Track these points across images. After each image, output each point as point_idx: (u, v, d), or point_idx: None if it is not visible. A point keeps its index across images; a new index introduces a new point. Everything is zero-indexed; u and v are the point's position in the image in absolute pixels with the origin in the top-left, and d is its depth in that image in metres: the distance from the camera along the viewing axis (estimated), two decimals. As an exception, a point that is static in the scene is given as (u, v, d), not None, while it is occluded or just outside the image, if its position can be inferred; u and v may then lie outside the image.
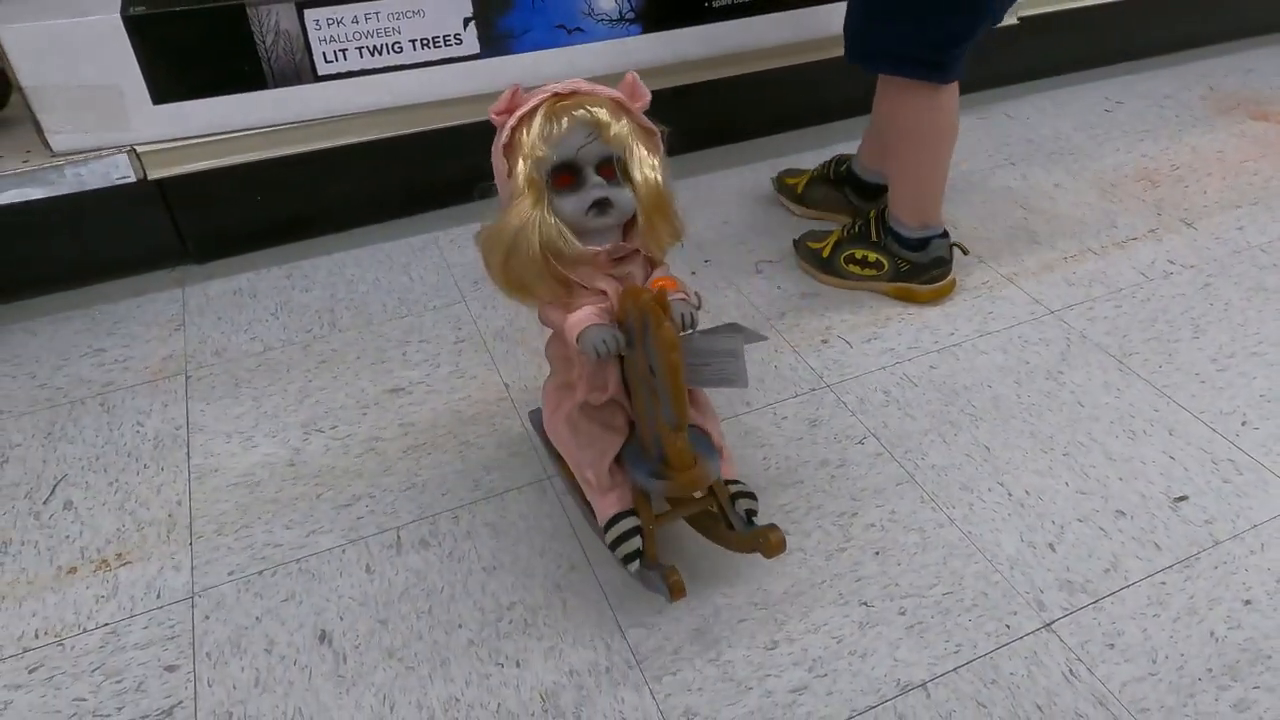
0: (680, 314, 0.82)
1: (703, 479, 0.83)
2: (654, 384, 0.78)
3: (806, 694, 0.84)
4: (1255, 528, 0.98)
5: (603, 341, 0.80)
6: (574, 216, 0.79)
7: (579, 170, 0.79)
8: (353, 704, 0.84)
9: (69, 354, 1.29)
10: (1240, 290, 1.35)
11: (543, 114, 0.78)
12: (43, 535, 1.01)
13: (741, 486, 0.92)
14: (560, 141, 0.77)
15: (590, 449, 0.89)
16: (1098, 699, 0.83)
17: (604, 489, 0.89)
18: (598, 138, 0.78)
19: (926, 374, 1.21)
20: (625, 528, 0.87)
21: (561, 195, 0.79)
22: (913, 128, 1.25)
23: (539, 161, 0.78)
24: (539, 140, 0.77)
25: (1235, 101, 1.90)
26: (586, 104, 0.78)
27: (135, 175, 1.29)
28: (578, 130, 0.78)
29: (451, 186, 1.58)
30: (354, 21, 1.29)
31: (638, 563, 0.87)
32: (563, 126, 0.77)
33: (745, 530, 0.89)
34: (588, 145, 0.78)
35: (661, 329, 0.73)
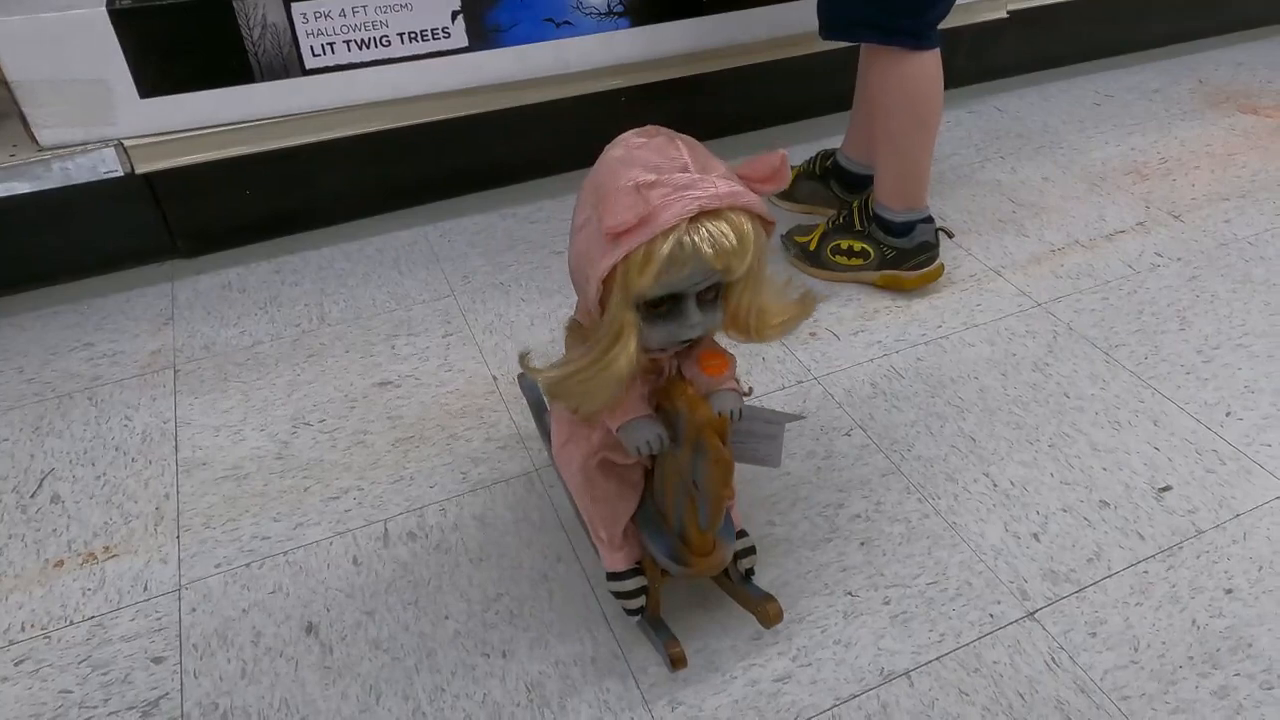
0: (730, 409, 0.74)
1: (721, 564, 0.79)
2: (694, 492, 0.73)
3: (791, 683, 0.84)
4: (1238, 517, 0.99)
5: (647, 443, 0.72)
6: (660, 345, 0.70)
7: (679, 298, 0.67)
8: (339, 695, 0.84)
9: (57, 348, 1.28)
10: (1227, 283, 1.36)
11: (670, 249, 0.62)
12: (30, 529, 1.01)
13: (744, 542, 0.88)
14: (675, 278, 0.65)
15: (605, 506, 0.82)
16: (1079, 686, 0.83)
17: (615, 548, 0.84)
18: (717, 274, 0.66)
19: (913, 366, 1.21)
20: (632, 586, 0.84)
21: (652, 323, 0.68)
22: (897, 97, 1.23)
23: (641, 296, 0.65)
24: (655, 280, 0.64)
25: (1224, 95, 1.91)
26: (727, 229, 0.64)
27: (123, 169, 1.29)
28: (699, 269, 0.65)
29: (441, 181, 1.58)
30: (341, 15, 1.29)
31: (641, 617, 0.86)
32: (685, 266, 0.64)
33: (742, 585, 0.88)
34: (704, 282, 0.67)
35: (720, 464, 0.66)
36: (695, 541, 0.77)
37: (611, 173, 0.67)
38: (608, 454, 0.80)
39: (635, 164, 0.66)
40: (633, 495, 0.83)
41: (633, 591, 0.84)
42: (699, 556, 0.77)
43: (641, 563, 0.85)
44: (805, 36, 1.60)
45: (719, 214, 0.64)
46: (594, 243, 0.66)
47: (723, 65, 1.57)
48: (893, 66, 1.21)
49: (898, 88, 1.22)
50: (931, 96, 1.23)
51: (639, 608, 0.85)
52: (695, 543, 0.77)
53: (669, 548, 0.79)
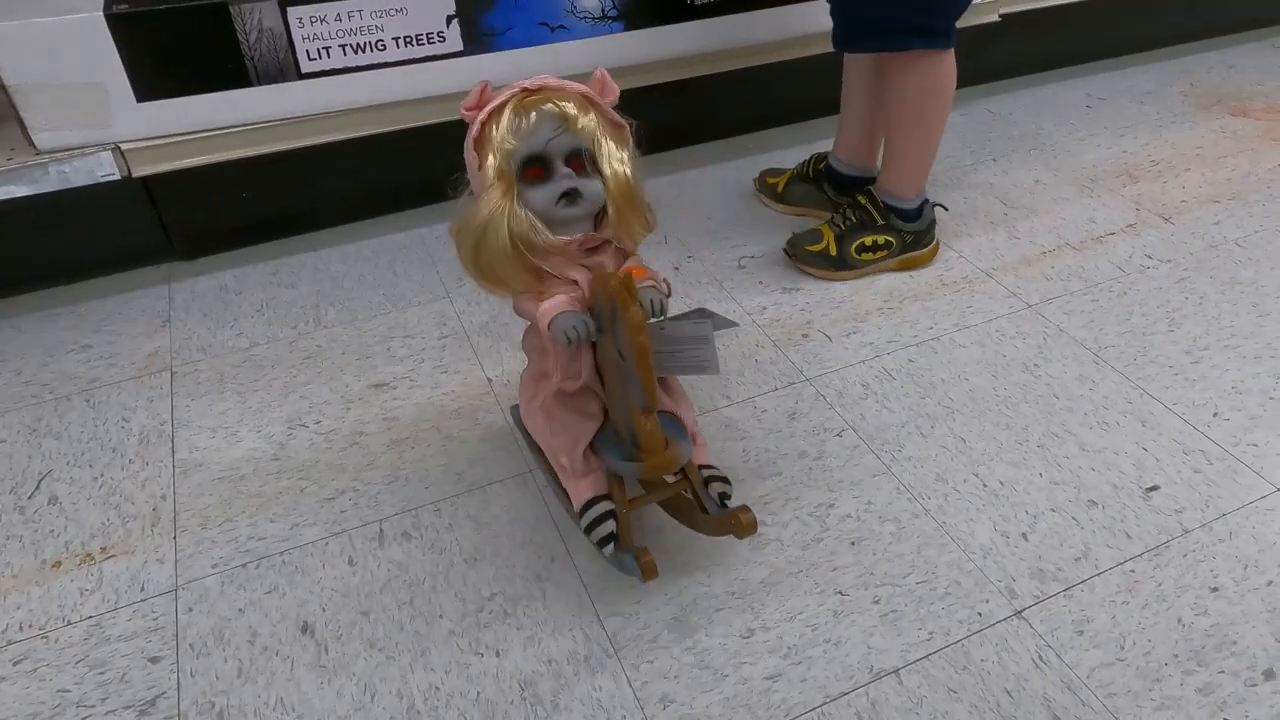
0: (649, 300, 0.84)
1: (674, 461, 0.85)
2: (624, 369, 0.79)
3: (781, 680, 0.85)
4: (1224, 516, 1.00)
5: (573, 327, 0.81)
6: (544, 207, 0.81)
7: (548, 162, 0.81)
8: (334, 693, 0.85)
9: (55, 350, 1.29)
10: (1215, 284, 1.37)
11: (511, 108, 0.80)
12: (28, 530, 1.02)
13: (715, 471, 0.94)
14: (529, 135, 0.79)
15: (565, 435, 0.90)
16: (1066, 684, 0.84)
17: (578, 474, 0.90)
18: (566, 131, 0.80)
19: (905, 367, 1.22)
20: (599, 512, 0.89)
21: (531, 187, 0.81)
22: (929, 96, 1.28)
23: (508, 154, 0.79)
24: (508, 134, 0.79)
25: (1216, 98, 1.92)
26: (554, 98, 0.80)
27: (120, 173, 1.30)
28: (546, 124, 0.79)
29: (436, 183, 1.58)
30: (337, 19, 1.30)
31: (612, 545, 0.89)
32: (531, 120, 0.79)
33: (717, 511, 0.91)
34: (556, 138, 0.80)
35: (629, 313, 0.74)
36: (645, 438, 0.82)
37: None
38: (562, 385, 0.90)
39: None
40: (589, 421, 0.90)
41: (600, 517, 0.88)
42: (651, 454, 0.83)
43: (610, 492, 0.89)
44: (798, 40, 1.61)
45: (560, 93, 0.80)
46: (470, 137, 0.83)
47: (716, 69, 1.58)
48: (929, 68, 1.25)
49: (932, 87, 1.27)
50: (952, 91, 1.30)
51: (609, 534, 0.88)
52: (645, 440, 0.83)
53: (623, 453, 0.85)
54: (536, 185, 0.81)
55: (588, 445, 0.90)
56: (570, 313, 0.82)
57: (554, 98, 0.80)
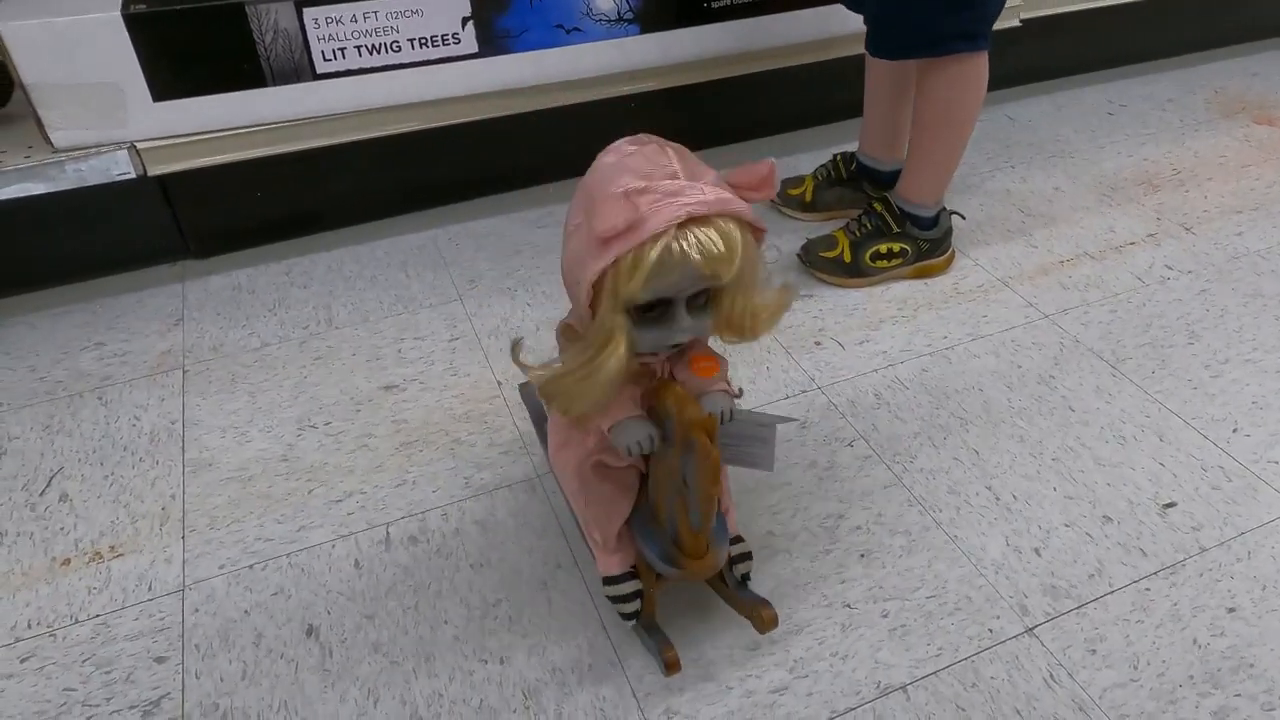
0: (720, 409, 0.75)
1: (713, 569, 0.80)
2: (685, 492, 0.73)
3: (787, 694, 0.84)
4: (1242, 535, 0.98)
5: (638, 443, 0.73)
6: (651, 349, 0.71)
7: (669, 303, 0.68)
8: (337, 698, 0.85)
9: (69, 347, 1.30)
10: (1237, 297, 1.34)
11: (659, 254, 0.63)
12: (38, 527, 1.03)
13: (741, 547, 0.88)
14: (664, 284, 0.66)
15: (599, 509, 0.83)
16: (1078, 704, 0.83)
17: (610, 551, 0.84)
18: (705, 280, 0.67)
19: (918, 377, 1.21)
20: (627, 590, 0.84)
21: (642, 327, 0.69)
22: (955, 100, 1.27)
23: (630, 300, 0.66)
24: (644, 284, 0.64)
25: (1240, 105, 1.89)
26: (710, 240, 0.64)
27: (135, 171, 1.30)
28: (688, 275, 0.65)
29: (449, 185, 1.59)
30: (353, 20, 1.30)
31: (635, 621, 0.86)
32: (674, 271, 0.64)
33: (738, 591, 0.88)
34: (692, 286, 0.67)
35: (708, 462, 0.67)
36: (688, 543, 0.77)
37: (603, 179, 0.68)
38: (602, 457, 0.80)
39: (626, 170, 0.67)
40: (627, 498, 0.83)
41: (627, 595, 0.84)
42: (692, 559, 0.78)
43: (637, 567, 0.85)
44: (815, 43, 1.60)
45: (708, 221, 0.65)
46: (585, 247, 0.66)
47: (732, 72, 1.57)
48: (964, 70, 1.24)
49: (965, 90, 1.26)
50: (984, 93, 1.28)
51: (634, 612, 0.85)
52: (688, 545, 0.77)
53: (662, 550, 0.79)
54: (649, 326, 0.69)
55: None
56: (636, 421, 0.73)
57: (711, 239, 0.64)
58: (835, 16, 1.55)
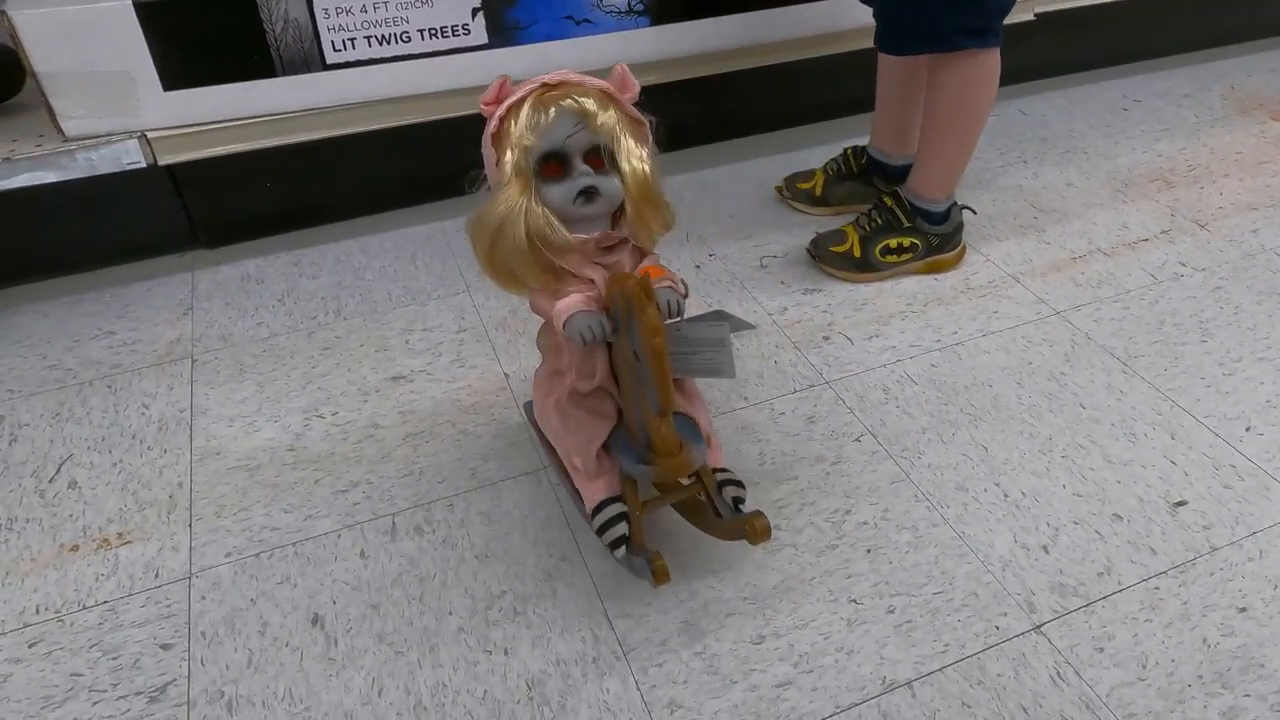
0: (666, 301, 0.82)
1: (688, 465, 0.84)
2: (639, 370, 0.78)
3: (791, 689, 0.84)
4: (1254, 535, 0.97)
5: (588, 327, 0.80)
6: (561, 205, 0.80)
7: (566, 159, 0.80)
8: (342, 686, 0.85)
9: (79, 336, 1.31)
10: (1252, 294, 1.33)
11: (530, 104, 0.78)
12: (47, 513, 1.03)
13: (729, 475, 0.92)
14: (547, 131, 0.78)
15: (578, 435, 0.89)
16: (1085, 703, 0.82)
17: (591, 475, 0.89)
18: (585, 127, 0.78)
19: (927, 372, 1.20)
20: (612, 513, 0.88)
21: (549, 184, 0.80)
22: (966, 95, 1.26)
23: (526, 150, 0.78)
24: (526, 130, 0.78)
25: (1256, 102, 1.87)
26: (574, 94, 0.78)
27: (146, 161, 1.31)
28: (565, 120, 0.78)
29: (458, 176, 1.58)
30: (363, 11, 1.30)
31: (624, 548, 0.88)
32: (550, 116, 0.77)
33: (731, 515, 0.90)
34: (575, 135, 0.79)
35: (645, 314, 0.73)
36: (659, 441, 0.81)
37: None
38: (577, 385, 0.89)
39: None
40: (604, 422, 0.89)
41: (613, 518, 0.88)
42: (664, 456, 0.82)
43: (623, 494, 0.88)
44: (826, 37, 1.59)
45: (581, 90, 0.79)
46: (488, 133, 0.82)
47: (743, 65, 1.56)
48: (976, 66, 1.23)
49: (977, 86, 1.25)
50: (995, 90, 1.27)
51: (621, 536, 0.87)
52: (659, 443, 0.82)
53: (638, 455, 0.84)
54: (554, 182, 0.80)
55: (601, 446, 0.89)
56: (586, 312, 0.81)
57: (574, 93, 0.78)
58: (845, 10, 1.54)
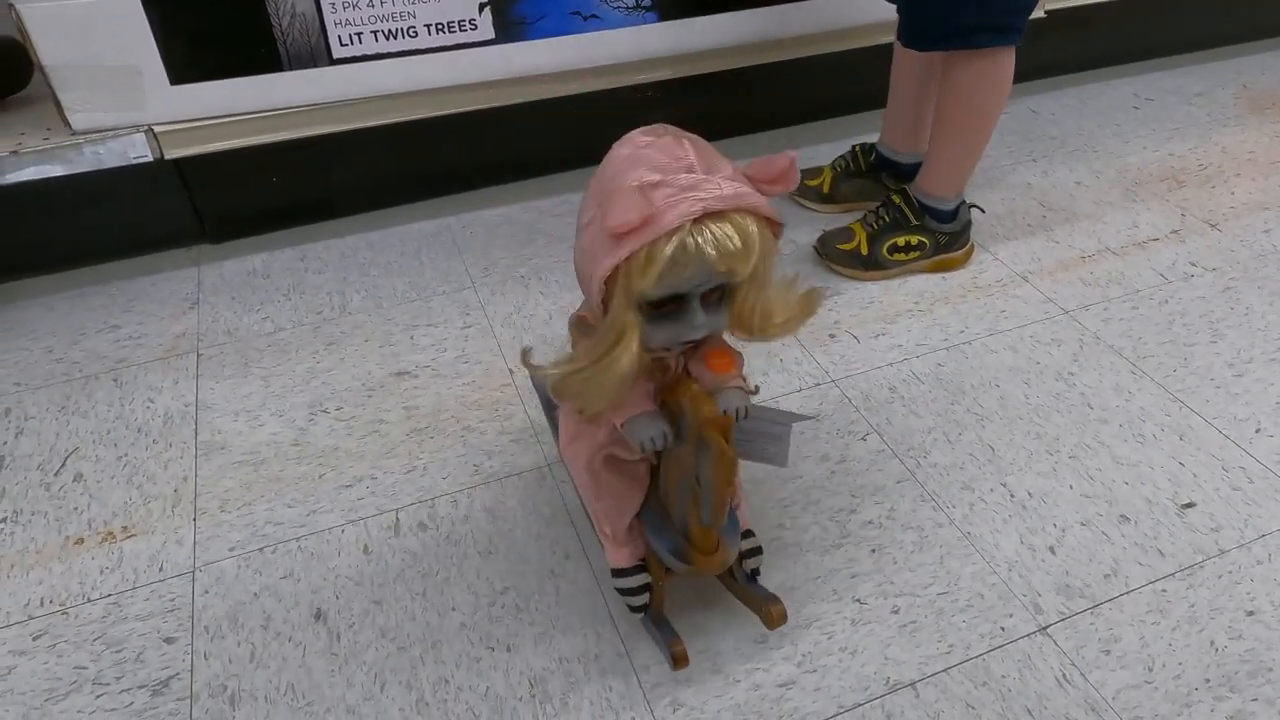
0: (735, 407, 0.73)
1: (723, 565, 0.79)
2: (697, 489, 0.72)
3: (794, 689, 0.84)
4: (1263, 537, 0.96)
5: (651, 439, 0.72)
6: (663, 344, 0.69)
7: (682, 299, 0.66)
8: (344, 681, 0.85)
9: (85, 329, 1.31)
10: (1263, 295, 1.32)
11: (675, 247, 0.62)
12: (52, 506, 1.03)
13: (750, 542, 0.87)
14: (677, 283, 0.64)
15: (610, 502, 0.83)
16: (1090, 705, 0.82)
17: (620, 543, 0.84)
18: (720, 276, 0.65)
19: (934, 371, 1.19)
20: (636, 584, 0.84)
21: (655, 324, 0.67)
22: (982, 93, 1.26)
23: (644, 295, 0.65)
24: (657, 282, 0.63)
25: (1269, 101, 1.86)
26: (723, 238, 0.62)
27: (152, 155, 1.31)
28: (702, 272, 0.64)
29: (465, 172, 1.59)
30: (369, 5, 1.29)
31: (644, 614, 0.86)
32: (687, 270, 0.63)
33: (747, 585, 0.88)
34: (706, 282, 0.66)
35: (723, 461, 0.66)
36: (698, 539, 0.77)
37: (617, 171, 0.66)
38: (613, 450, 0.80)
39: (641, 163, 0.66)
40: (638, 491, 0.82)
41: (636, 588, 0.84)
42: (702, 554, 0.77)
43: (646, 560, 0.85)
44: (835, 33, 1.58)
45: (724, 215, 0.63)
46: (598, 242, 0.65)
47: (750, 61, 1.55)
48: (993, 64, 1.22)
49: (992, 84, 1.24)
50: (1009, 88, 1.27)
51: (643, 605, 0.85)
52: (698, 540, 0.77)
53: (673, 545, 0.79)
54: (662, 321, 0.67)
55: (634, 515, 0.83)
56: (649, 417, 0.72)
57: (723, 236, 0.62)
58: (854, 6, 1.53)
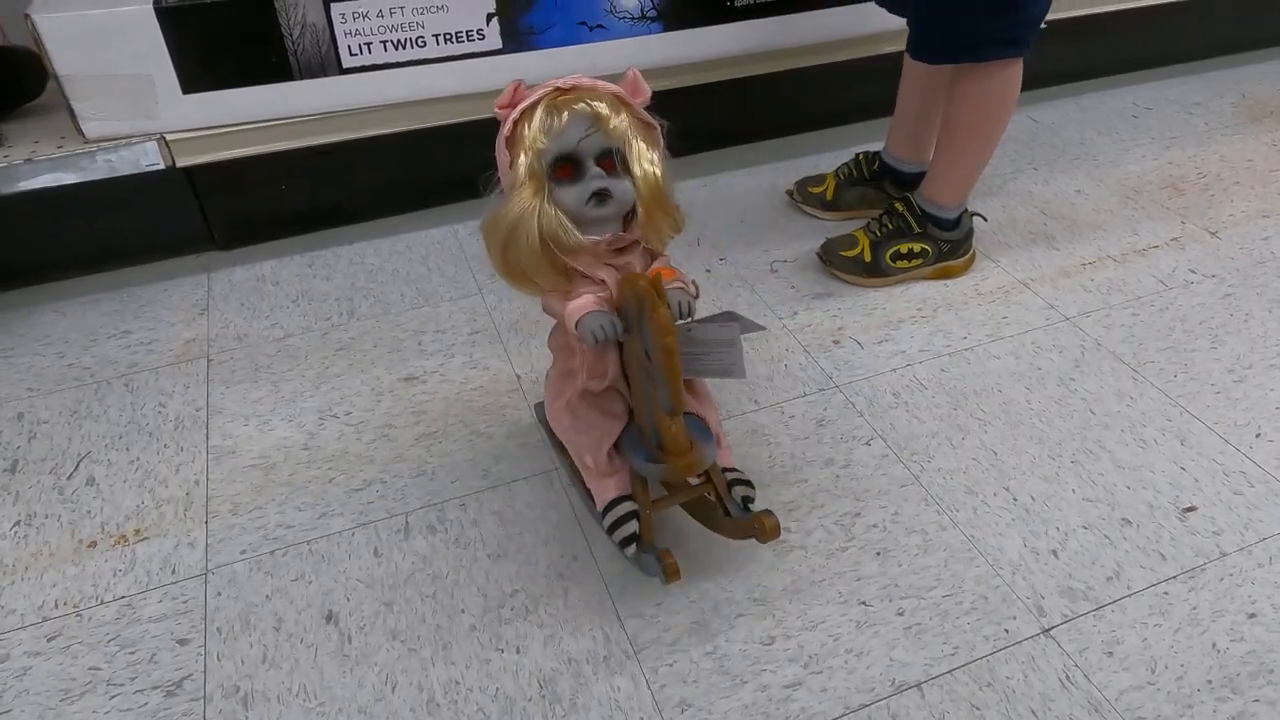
0: (677, 301, 0.83)
1: (698, 463, 0.85)
2: (650, 370, 0.79)
3: (801, 690, 0.85)
4: (1264, 540, 0.97)
5: (600, 327, 0.81)
6: (574, 207, 0.81)
7: (579, 162, 0.81)
8: (355, 683, 0.86)
9: (97, 335, 1.32)
10: (1262, 301, 1.33)
11: (544, 107, 0.79)
12: (65, 509, 1.05)
13: (739, 474, 0.94)
14: (560, 134, 0.79)
15: (589, 434, 0.91)
16: (1093, 706, 0.83)
17: (602, 474, 0.91)
18: (598, 131, 0.80)
19: (937, 377, 1.21)
20: (622, 512, 0.89)
21: (562, 186, 0.81)
22: (990, 104, 1.27)
23: (539, 153, 0.79)
24: (540, 133, 0.79)
25: (1268, 109, 1.87)
26: (587, 98, 0.80)
27: (164, 163, 1.32)
28: (578, 123, 0.79)
29: (472, 180, 1.60)
30: (379, 15, 1.31)
31: (634, 546, 0.89)
32: (563, 120, 0.79)
33: (740, 515, 0.91)
34: (588, 138, 0.80)
35: (657, 314, 0.74)
36: (669, 441, 0.83)
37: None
38: (588, 385, 0.90)
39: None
40: (615, 421, 0.91)
41: (623, 517, 0.89)
42: (675, 456, 0.83)
43: (633, 492, 0.89)
44: (839, 43, 1.59)
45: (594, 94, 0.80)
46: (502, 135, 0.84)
47: (754, 71, 1.57)
48: (1002, 76, 1.24)
49: (1000, 95, 1.26)
50: (1016, 98, 1.29)
51: (631, 534, 0.88)
52: (670, 442, 0.83)
53: (648, 453, 0.85)
54: (567, 184, 0.81)
55: (612, 445, 0.90)
56: (598, 312, 0.83)
57: (586, 97, 0.80)
58: (857, 16, 1.55)
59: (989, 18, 1.18)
